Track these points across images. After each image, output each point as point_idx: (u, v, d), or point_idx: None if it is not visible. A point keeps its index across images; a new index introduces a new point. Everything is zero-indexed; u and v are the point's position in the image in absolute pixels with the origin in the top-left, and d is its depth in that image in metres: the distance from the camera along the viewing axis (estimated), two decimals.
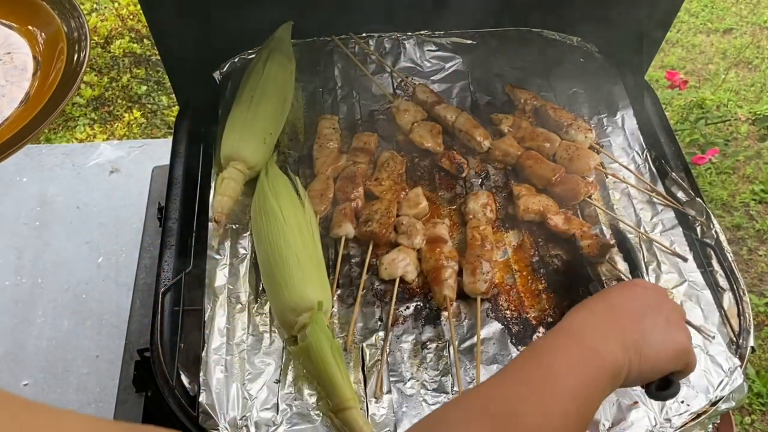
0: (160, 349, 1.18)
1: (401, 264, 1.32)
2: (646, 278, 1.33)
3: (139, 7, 2.28)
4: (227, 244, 1.36)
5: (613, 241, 1.38)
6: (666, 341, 0.79)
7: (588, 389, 0.70)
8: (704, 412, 1.13)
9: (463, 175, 1.52)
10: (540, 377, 0.69)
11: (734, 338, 1.24)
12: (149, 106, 3.19)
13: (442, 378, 1.18)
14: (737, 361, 1.19)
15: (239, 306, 1.27)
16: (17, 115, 0.87)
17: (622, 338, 0.76)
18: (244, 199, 1.43)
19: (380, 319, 1.27)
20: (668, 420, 1.12)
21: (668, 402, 1.13)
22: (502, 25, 1.82)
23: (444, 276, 1.30)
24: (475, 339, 1.24)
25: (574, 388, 0.69)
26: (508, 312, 1.29)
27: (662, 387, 0.81)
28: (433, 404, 1.15)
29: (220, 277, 1.30)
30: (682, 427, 1.12)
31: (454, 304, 1.30)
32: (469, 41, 1.80)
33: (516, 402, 0.67)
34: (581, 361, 0.72)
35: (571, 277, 1.35)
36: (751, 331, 1.25)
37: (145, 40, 3.44)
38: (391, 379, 1.18)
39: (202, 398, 1.12)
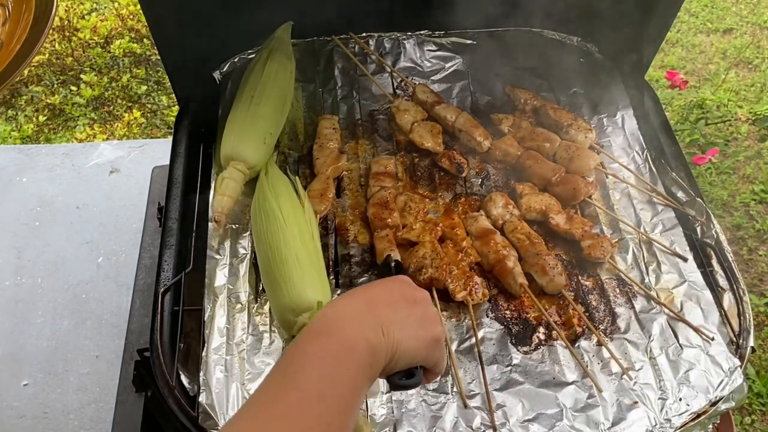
0: (160, 349, 1.18)
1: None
2: (647, 279, 1.33)
3: (139, 7, 2.28)
4: (227, 244, 1.36)
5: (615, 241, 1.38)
6: (419, 330, 0.81)
7: (345, 393, 0.70)
8: (704, 412, 1.13)
9: (463, 175, 1.52)
10: (294, 407, 0.67)
11: (734, 338, 1.24)
12: (149, 106, 3.19)
13: (442, 378, 1.18)
14: (737, 361, 1.19)
15: (239, 306, 1.27)
16: None
17: (377, 323, 0.77)
18: (244, 199, 1.43)
19: None
20: (668, 420, 1.12)
21: (668, 402, 1.14)
22: (502, 25, 1.82)
23: (510, 265, 1.31)
24: (474, 339, 1.24)
25: (332, 405, 0.68)
26: (508, 312, 1.29)
27: (405, 377, 0.83)
28: (433, 404, 1.15)
29: (220, 277, 1.30)
30: (682, 427, 1.12)
31: (453, 304, 1.30)
32: (469, 41, 1.80)
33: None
34: (335, 365, 0.71)
35: (571, 277, 1.35)
36: (751, 331, 1.25)
37: (145, 40, 3.44)
38: None
39: (202, 398, 1.12)
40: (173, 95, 2.53)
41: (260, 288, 1.30)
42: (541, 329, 1.26)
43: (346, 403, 0.70)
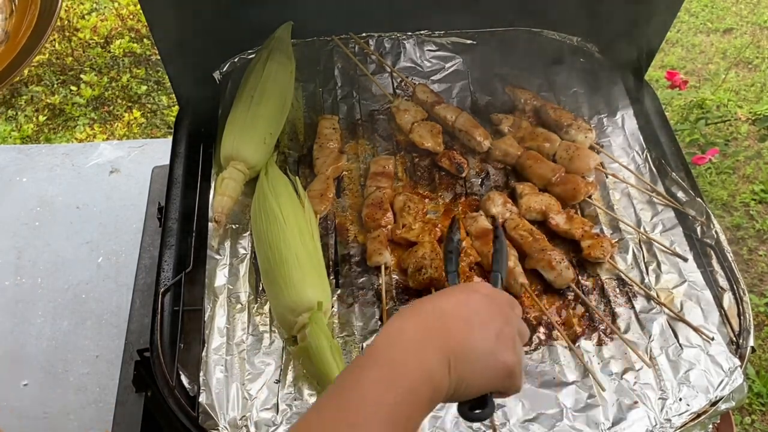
0: (160, 349, 1.18)
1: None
2: (647, 279, 1.33)
3: (139, 7, 2.28)
4: (227, 244, 1.36)
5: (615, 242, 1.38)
6: (488, 360, 0.73)
7: (400, 422, 0.65)
8: (704, 412, 1.13)
9: (463, 175, 1.52)
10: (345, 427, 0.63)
11: (734, 338, 1.24)
12: (149, 106, 3.19)
13: None
14: (737, 361, 1.19)
15: (239, 306, 1.27)
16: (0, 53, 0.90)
17: (444, 351, 0.70)
18: (244, 199, 1.43)
19: (380, 319, 1.27)
20: (668, 420, 1.12)
21: (668, 402, 1.14)
22: (502, 25, 1.82)
23: (510, 265, 1.31)
24: None
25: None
26: None
27: (476, 406, 0.76)
28: None
29: (220, 277, 1.30)
30: (682, 427, 1.12)
31: None
32: (469, 41, 1.80)
33: None
34: (392, 404, 0.65)
35: None
36: (751, 331, 1.25)
37: (145, 40, 3.44)
38: None
39: (202, 398, 1.12)
40: (173, 95, 2.53)
41: (260, 288, 1.30)
42: (542, 329, 1.26)
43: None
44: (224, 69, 1.72)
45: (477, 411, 0.76)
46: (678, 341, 1.22)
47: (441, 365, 0.70)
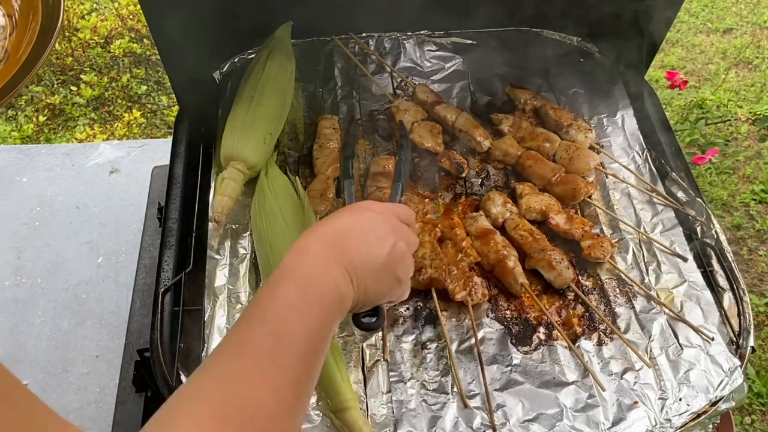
0: (160, 349, 1.18)
1: None
2: (647, 279, 1.33)
3: (139, 7, 2.28)
4: (227, 244, 1.36)
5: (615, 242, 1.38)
6: (384, 273, 0.83)
7: (316, 338, 0.71)
8: (704, 412, 1.13)
9: (463, 175, 1.52)
10: (268, 352, 0.66)
11: (734, 338, 1.24)
12: (149, 106, 3.19)
13: (442, 378, 1.18)
14: (737, 361, 1.19)
15: (239, 306, 1.27)
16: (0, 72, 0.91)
17: (345, 265, 0.78)
18: (244, 199, 1.43)
19: None
20: (668, 420, 1.12)
21: (668, 402, 1.14)
22: (502, 25, 1.82)
23: (510, 265, 1.31)
24: (474, 339, 1.24)
25: (304, 349, 0.69)
26: (508, 312, 1.29)
27: (369, 317, 0.87)
28: (433, 404, 1.15)
29: (220, 277, 1.30)
30: (682, 427, 1.12)
31: (454, 304, 1.30)
32: (469, 41, 1.80)
33: (251, 399, 0.61)
34: (307, 311, 0.72)
35: None
36: (751, 331, 1.25)
37: (145, 40, 3.44)
38: (391, 379, 1.18)
39: None
40: (173, 95, 2.53)
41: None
42: (542, 329, 1.26)
43: (321, 342, 0.72)
44: (224, 69, 1.72)
45: (372, 320, 0.87)
46: (678, 341, 1.22)
47: (344, 278, 0.77)
